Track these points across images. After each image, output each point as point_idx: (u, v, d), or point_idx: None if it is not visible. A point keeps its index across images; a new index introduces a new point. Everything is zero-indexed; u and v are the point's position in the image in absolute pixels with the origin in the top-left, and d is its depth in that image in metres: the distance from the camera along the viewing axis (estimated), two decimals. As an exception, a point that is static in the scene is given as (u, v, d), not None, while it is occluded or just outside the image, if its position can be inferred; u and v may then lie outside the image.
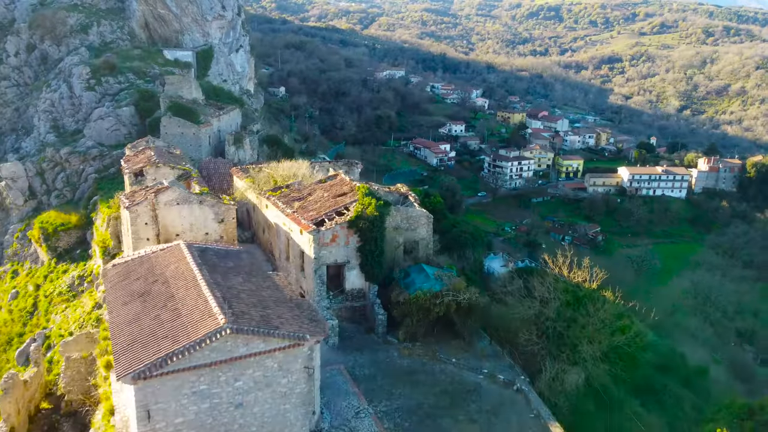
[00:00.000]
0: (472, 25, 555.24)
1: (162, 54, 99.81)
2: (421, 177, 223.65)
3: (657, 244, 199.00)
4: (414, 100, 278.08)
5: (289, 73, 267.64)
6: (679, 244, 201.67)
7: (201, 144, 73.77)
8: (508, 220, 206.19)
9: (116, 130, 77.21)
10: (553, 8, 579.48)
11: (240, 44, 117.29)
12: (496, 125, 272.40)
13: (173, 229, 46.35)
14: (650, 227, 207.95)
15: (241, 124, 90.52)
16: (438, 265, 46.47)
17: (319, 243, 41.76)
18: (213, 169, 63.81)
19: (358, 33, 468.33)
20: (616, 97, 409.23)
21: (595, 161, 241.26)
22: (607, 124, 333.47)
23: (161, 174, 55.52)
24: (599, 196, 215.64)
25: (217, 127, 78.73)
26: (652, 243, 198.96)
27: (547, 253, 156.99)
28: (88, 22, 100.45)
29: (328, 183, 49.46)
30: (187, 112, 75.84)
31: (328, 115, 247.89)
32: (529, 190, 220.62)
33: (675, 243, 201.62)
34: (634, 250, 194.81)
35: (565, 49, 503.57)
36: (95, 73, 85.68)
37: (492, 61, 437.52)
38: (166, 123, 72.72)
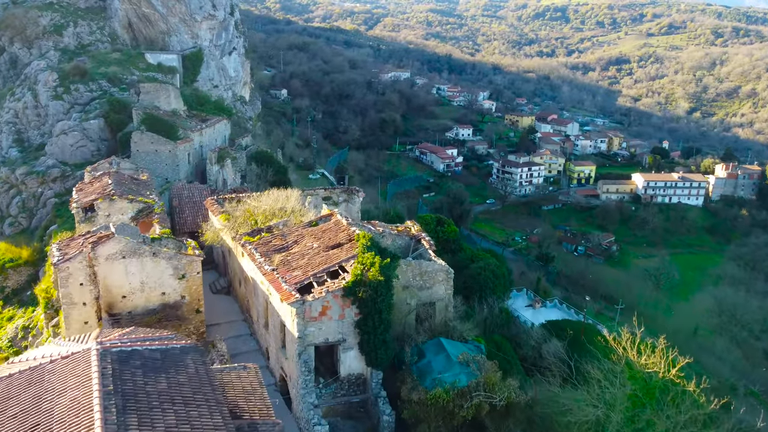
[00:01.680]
0: (477, 26, 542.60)
1: (144, 57, 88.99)
2: (428, 183, 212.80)
3: (674, 255, 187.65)
4: (419, 103, 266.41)
5: (291, 74, 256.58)
6: (698, 254, 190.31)
7: (179, 163, 62.84)
8: (518, 229, 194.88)
9: (82, 146, 66.38)
10: (559, 9, 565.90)
11: (233, 46, 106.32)
12: (505, 129, 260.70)
13: (118, 290, 35.31)
14: (666, 237, 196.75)
15: (229, 136, 79.56)
16: (461, 339, 35.30)
17: (305, 317, 30.67)
18: (186, 198, 52.73)
19: (363, 34, 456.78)
20: (625, 99, 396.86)
21: (607, 167, 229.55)
22: (617, 126, 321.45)
23: (117, 209, 44.53)
24: (613, 204, 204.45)
25: (198, 142, 67.78)
26: (669, 253, 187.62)
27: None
28: (63, 22, 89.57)
29: (320, 227, 38.30)
30: (164, 125, 64.91)
31: (331, 119, 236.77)
32: (540, 198, 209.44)
33: (693, 253, 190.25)
34: (651, 262, 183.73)
35: (572, 50, 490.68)
36: (63, 80, 74.73)
37: (498, 62, 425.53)
38: (137, 139, 61.82)
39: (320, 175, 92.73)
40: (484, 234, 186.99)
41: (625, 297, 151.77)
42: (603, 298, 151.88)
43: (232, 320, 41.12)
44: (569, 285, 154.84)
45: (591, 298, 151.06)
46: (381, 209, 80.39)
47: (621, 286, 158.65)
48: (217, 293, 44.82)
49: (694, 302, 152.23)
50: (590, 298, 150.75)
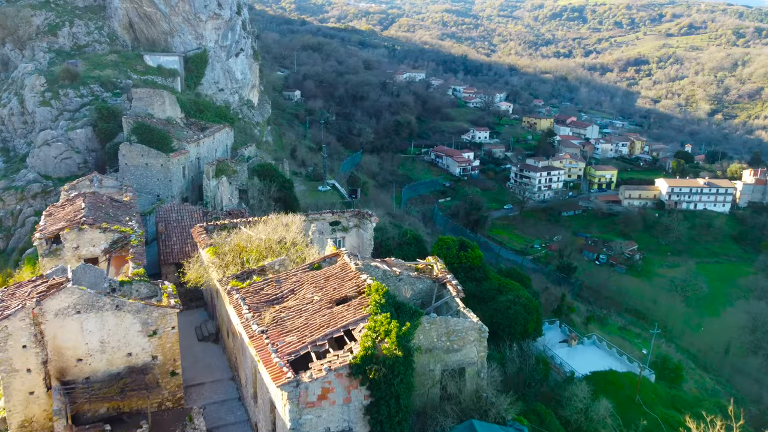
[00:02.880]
0: (493, 26, 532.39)
1: (143, 59, 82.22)
2: (443, 188, 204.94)
3: (700, 264, 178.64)
4: (435, 104, 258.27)
5: (305, 76, 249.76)
6: (725, 264, 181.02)
7: (171, 178, 55.84)
8: (537, 236, 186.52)
9: (67, 158, 59.69)
10: (576, 9, 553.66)
11: (240, 47, 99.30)
12: (522, 132, 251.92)
13: (72, 353, 28.24)
14: (692, 245, 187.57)
15: (232, 146, 72.47)
16: (499, 419, 27.76)
17: (300, 403, 23.31)
18: (174, 222, 45.63)
19: (378, 34, 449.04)
20: (644, 100, 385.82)
21: (629, 171, 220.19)
22: (636, 129, 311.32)
23: (87, 240, 37.52)
24: (635, 210, 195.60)
25: (195, 154, 60.75)
26: (694, 263, 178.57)
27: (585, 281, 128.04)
28: (58, 21, 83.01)
29: (323, 271, 30.91)
30: (157, 135, 57.95)
31: (345, 121, 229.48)
32: (559, 203, 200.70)
33: (720, 263, 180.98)
34: (676, 271, 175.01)
35: (590, 50, 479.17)
36: (52, 84, 68.14)
37: (514, 63, 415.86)
38: (125, 151, 54.93)
39: (330, 186, 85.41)
40: (501, 241, 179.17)
41: (652, 311, 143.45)
42: (627, 311, 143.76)
43: (218, 379, 33.90)
44: (592, 297, 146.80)
45: (615, 310, 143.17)
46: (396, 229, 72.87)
47: (646, 298, 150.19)
48: (204, 340, 37.63)
49: (726, 317, 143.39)
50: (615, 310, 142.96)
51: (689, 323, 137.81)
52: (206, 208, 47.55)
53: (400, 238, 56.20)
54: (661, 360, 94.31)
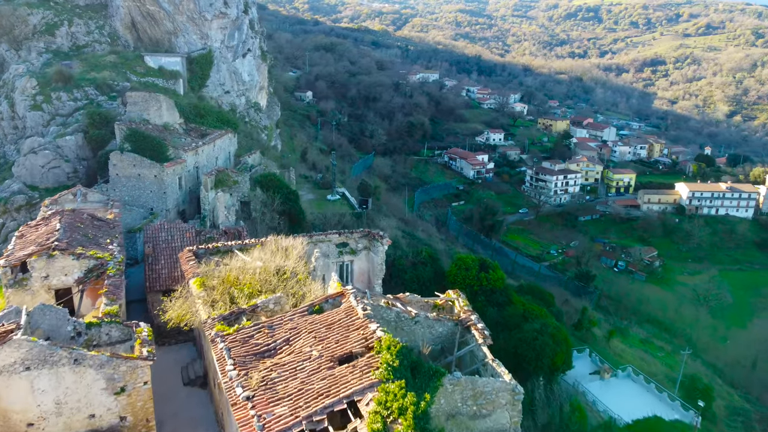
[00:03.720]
0: (507, 26, 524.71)
1: (143, 60, 77.52)
2: (457, 191, 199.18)
3: (723, 272, 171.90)
4: (449, 106, 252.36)
5: (317, 76, 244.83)
6: (748, 271, 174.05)
7: (166, 190, 50.94)
8: (553, 241, 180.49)
9: (55, 167, 55.03)
10: (591, 9, 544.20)
11: (247, 48, 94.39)
12: (538, 133, 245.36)
13: (20, 416, 23.27)
14: (713, 252, 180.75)
15: (236, 153, 67.53)
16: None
17: (290, 501, 18.16)
18: (164, 242, 40.69)
19: (391, 34, 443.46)
20: (661, 101, 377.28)
21: (648, 175, 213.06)
22: (653, 130, 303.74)
23: (57, 268, 32.62)
24: (655, 216, 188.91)
25: (194, 163, 55.83)
26: (717, 270, 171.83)
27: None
28: (56, 21, 78.60)
29: (324, 316, 25.72)
30: (151, 143, 53.12)
31: (357, 122, 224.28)
32: (576, 207, 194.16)
33: (743, 270, 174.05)
34: (697, 279, 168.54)
35: (605, 51, 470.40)
36: (44, 87, 63.63)
37: (529, 63, 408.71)
38: (116, 160, 50.13)
39: (340, 195, 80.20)
40: (517, 247, 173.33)
41: (675, 322, 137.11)
42: (648, 322, 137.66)
43: (204, 436, 28.83)
44: (611, 306, 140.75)
45: (636, 321, 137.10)
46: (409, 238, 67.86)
47: (668, 308, 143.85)
48: (190, 384, 32.59)
49: (753, 329, 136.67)
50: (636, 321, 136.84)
51: (715, 335, 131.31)
52: (200, 227, 42.53)
53: (415, 257, 50.99)
54: (689, 380, 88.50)
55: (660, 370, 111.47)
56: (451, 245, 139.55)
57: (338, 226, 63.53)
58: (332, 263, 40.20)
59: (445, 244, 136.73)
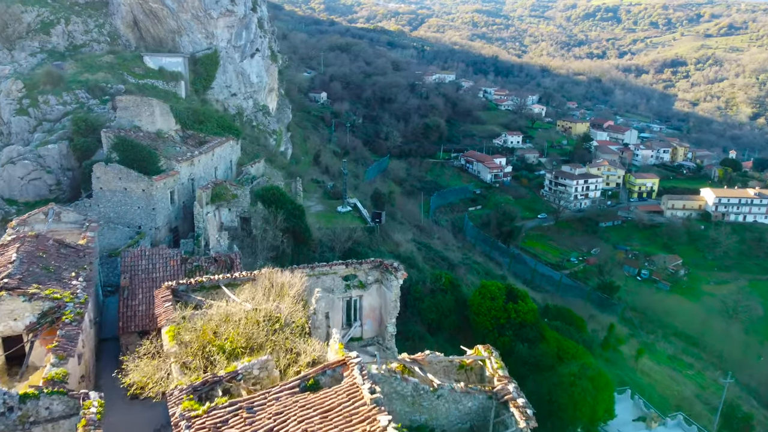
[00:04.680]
0: (524, 27, 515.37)
1: (142, 61, 71.99)
2: (474, 195, 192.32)
3: (752, 282, 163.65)
4: (465, 107, 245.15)
5: (331, 77, 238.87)
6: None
7: (156, 206, 45.19)
8: (574, 248, 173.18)
9: (36, 179, 49.52)
10: (610, 9, 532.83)
11: (256, 48, 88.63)
12: (557, 136, 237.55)
13: None
14: (741, 260, 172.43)
15: (238, 161, 61.68)
16: None
17: None
18: (143, 272, 34.82)
19: (407, 34, 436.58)
20: (682, 103, 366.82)
21: (671, 180, 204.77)
22: (675, 133, 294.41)
23: (5, 311, 26.86)
24: (679, 222, 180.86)
25: (189, 174, 50.03)
26: (746, 280, 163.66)
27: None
28: (53, 19, 73.46)
29: (319, 396, 19.59)
30: (141, 153, 47.43)
31: (372, 124, 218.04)
32: (597, 213, 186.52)
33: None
34: (724, 289, 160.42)
35: (624, 51, 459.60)
36: (31, 90, 58.32)
37: (547, 64, 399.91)
38: (100, 173, 44.48)
39: (351, 207, 74.09)
40: (535, 254, 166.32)
41: (703, 336, 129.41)
42: (675, 335, 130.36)
43: None
44: (636, 318, 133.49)
45: (662, 334, 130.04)
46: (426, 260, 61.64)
47: (696, 321, 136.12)
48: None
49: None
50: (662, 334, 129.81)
51: (748, 351, 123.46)
52: (186, 254, 36.62)
53: (433, 283, 44.73)
54: (727, 406, 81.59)
55: (690, 389, 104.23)
56: (468, 253, 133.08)
57: (348, 242, 57.65)
58: (338, 299, 34.16)
59: (462, 253, 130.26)
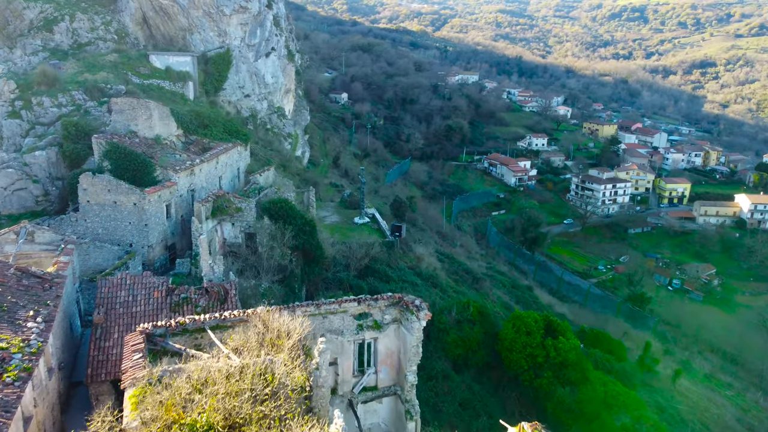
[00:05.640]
0: (549, 27, 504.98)
1: (148, 60, 67.10)
2: (497, 199, 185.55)
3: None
4: (489, 108, 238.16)
5: (353, 77, 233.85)
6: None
7: (149, 222, 39.96)
8: (601, 255, 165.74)
9: (21, 189, 44.53)
10: (637, 9, 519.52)
11: (271, 46, 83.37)
12: (583, 139, 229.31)
13: None
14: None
15: (248, 168, 56.32)
16: None
17: None
18: (121, 306, 29.51)
19: (430, 35, 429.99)
20: (712, 105, 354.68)
21: (703, 185, 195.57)
22: (704, 136, 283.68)
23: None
24: (712, 229, 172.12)
25: (188, 185, 44.75)
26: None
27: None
28: (57, 15, 69.05)
29: None
30: (135, 161, 42.31)
31: (393, 125, 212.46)
32: (626, 219, 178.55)
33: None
34: (761, 300, 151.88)
35: (651, 52, 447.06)
36: (25, 91, 53.65)
37: (571, 64, 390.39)
38: (87, 185, 39.37)
39: (369, 218, 68.19)
40: (561, 261, 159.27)
41: (741, 351, 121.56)
42: (712, 351, 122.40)
43: None
44: (669, 332, 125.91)
45: (698, 350, 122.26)
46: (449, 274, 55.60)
47: (733, 335, 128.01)
48: None
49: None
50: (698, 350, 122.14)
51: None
52: (174, 284, 31.22)
53: (460, 313, 38.85)
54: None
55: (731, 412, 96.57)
56: (491, 262, 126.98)
57: (365, 259, 52.01)
58: (348, 342, 28.46)
59: (486, 261, 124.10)
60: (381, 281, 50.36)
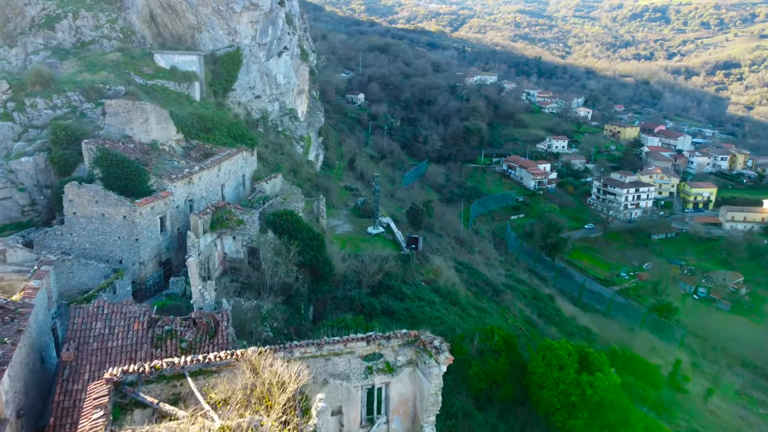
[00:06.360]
0: (569, 27, 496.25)
1: (153, 59, 63.43)
2: (516, 203, 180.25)
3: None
4: (508, 110, 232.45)
5: (370, 78, 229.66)
6: None
7: (140, 236, 36.08)
8: (624, 262, 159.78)
9: (5, 198, 40.71)
10: (659, 9, 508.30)
11: (284, 46, 79.42)
12: (604, 141, 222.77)
13: None
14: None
15: (254, 174, 52.28)
16: None
17: None
18: (95, 340, 25.52)
19: (448, 35, 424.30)
20: (736, 107, 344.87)
21: (730, 189, 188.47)
22: (729, 138, 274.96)
23: None
24: (740, 236, 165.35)
25: (186, 195, 40.78)
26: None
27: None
28: (59, 12, 65.74)
29: None
30: (127, 169, 38.47)
31: (411, 127, 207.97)
32: (649, 224, 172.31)
33: None
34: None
35: (673, 53, 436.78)
36: (18, 92, 50.17)
37: (592, 65, 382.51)
38: (72, 195, 35.59)
39: (384, 228, 63.73)
40: (582, 267, 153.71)
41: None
42: (742, 366, 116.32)
43: None
44: (696, 344, 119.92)
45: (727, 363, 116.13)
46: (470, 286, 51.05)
47: (764, 348, 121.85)
48: None
49: None
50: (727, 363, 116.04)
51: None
52: (158, 314, 27.16)
53: (483, 343, 34.35)
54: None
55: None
56: (510, 269, 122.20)
57: (378, 275, 47.75)
58: (356, 387, 24.14)
59: (505, 268, 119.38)
60: (395, 299, 46.11)
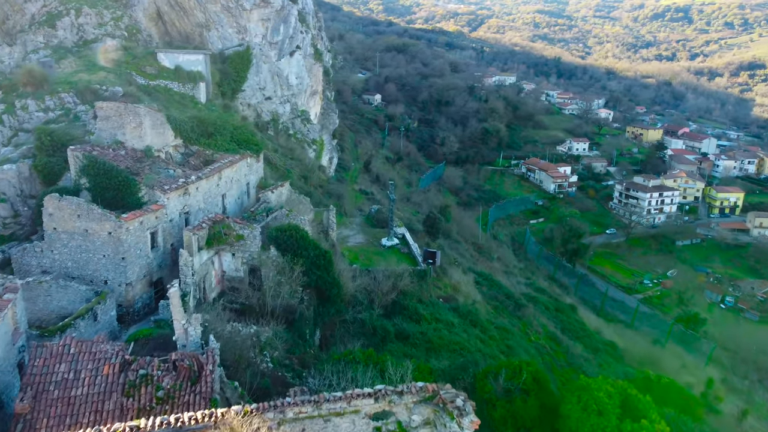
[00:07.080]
0: (589, 28, 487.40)
1: (156, 59, 59.82)
2: (536, 207, 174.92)
3: None
4: (527, 111, 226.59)
5: (386, 78, 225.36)
6: None
7: (126, 254, 32.26)
8: (647, 269, 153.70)
9: (-14, 209, 37.80)
10: (681, 9, 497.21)
11: (296, 45, 75.49)
12: (627, 144, 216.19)
13: None
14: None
15: (261, 182, 48.29)
16: None
17: None
18: (58, 389, 21.52)
19: (466, 35, 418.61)
20: (761, 108, 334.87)
21: (758, 194, 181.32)
22: (754, 141, 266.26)
23: None
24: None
25: (182, 207, 36.85)
26: None
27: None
28: (61, 10, 62.50)
29: None
30: (116, 179, 34.67)
31: (428, 128, 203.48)
32: (673, 230, 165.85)
33: None
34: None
35: (696, 53, 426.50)
36: (9, 93, 46.70)
37: (612, 66, 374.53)
38: (53, 209, 31.92)
39: (399, 239, 59.48)
40: (604, 274, 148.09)
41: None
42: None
43: None
44: (725, 357, 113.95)
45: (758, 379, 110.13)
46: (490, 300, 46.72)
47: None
48: None
49: None
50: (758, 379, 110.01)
51: None
52: (132, 355, 23.14)
53: (509, 381, 29.95)
54: None
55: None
56: (530, 276, 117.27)
57: (392, 293, 43.55)
58: (361, 453, 19.88)
59: (525, 276, 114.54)
60: (411, 320, 41.91)
